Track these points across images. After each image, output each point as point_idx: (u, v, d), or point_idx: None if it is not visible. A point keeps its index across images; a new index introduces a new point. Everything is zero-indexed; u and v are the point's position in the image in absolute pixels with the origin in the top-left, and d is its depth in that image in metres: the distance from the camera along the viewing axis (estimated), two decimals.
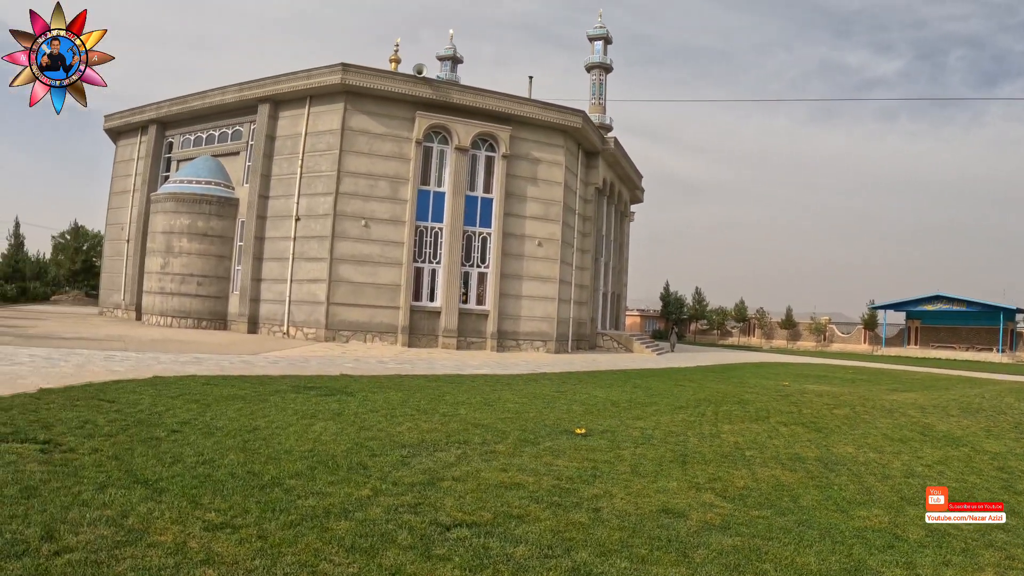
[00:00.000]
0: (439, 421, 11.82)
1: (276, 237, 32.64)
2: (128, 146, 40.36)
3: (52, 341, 21.87)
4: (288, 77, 32.54)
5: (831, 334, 62.47)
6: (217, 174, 34.87)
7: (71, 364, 16.09)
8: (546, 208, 34.64)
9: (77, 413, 10.07)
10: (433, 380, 18.70)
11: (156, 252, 34.17)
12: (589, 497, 7.60)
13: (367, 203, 31.55)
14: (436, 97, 32.20)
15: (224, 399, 12.48)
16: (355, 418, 11.52)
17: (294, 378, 16.67)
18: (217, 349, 23.55)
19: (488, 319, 32.99)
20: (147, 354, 19.81)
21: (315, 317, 31.08)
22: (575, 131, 35.20)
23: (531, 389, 17.99)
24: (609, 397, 17.19)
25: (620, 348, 39.17)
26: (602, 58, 53.72)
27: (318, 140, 32.02)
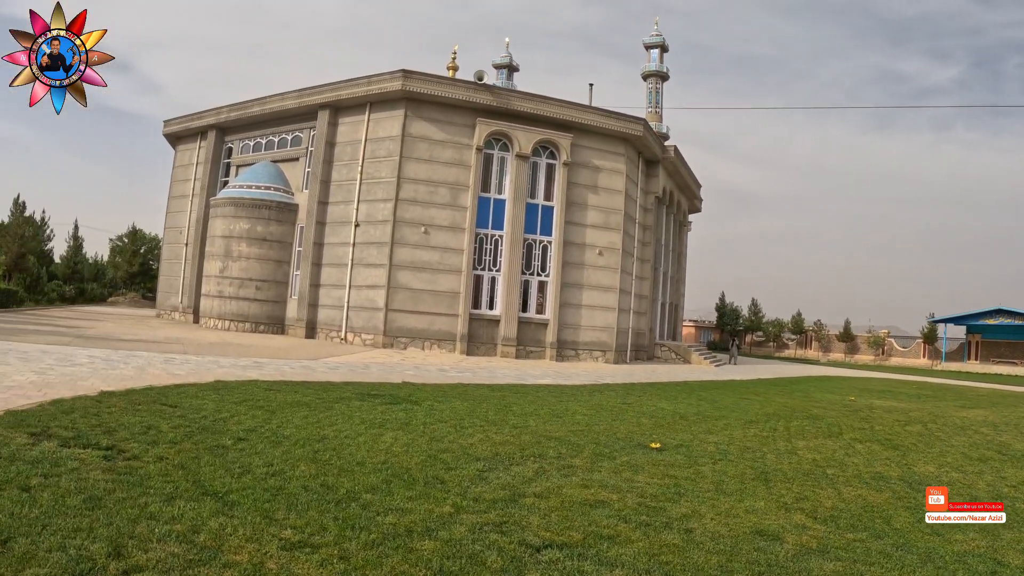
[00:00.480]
0: (510, 433, 11.39)
1: (335, 243, 32.39)
2: (187, 151, 40.54)
3: (110, 342, 21.77)
4: (348, 83, 32.31)
5: (889, 348, 60.64)
6: (276, 179, 34.77)
7: (131, 367, 15.83)
8: (606, 217, 33.94)
9: (140, 418, 9.72)
10: (497, 390, 18.16)
11: (215, 256, 34.15)
12: (678, 516, 7.26)
13: (427, 210, 31.14)
14: (497, 104, 31.72)
15: (289, 406, 12.04)
16: (424, 428, 11.11)
17: (357, 385, 16.23)
18: (276, 354, 23.28)
19: (547, 328, 32.35)
20: (206, 358, 19.61)
21: (373, 323, 30.72)
22: (636, 139, 34.48)
23: (597, 400, 17.49)
24: (676, 410, 16.69)
25: (678, 359, 38.27)
26: (659, 66, 52.94)
27: (378, 146, 31.72)
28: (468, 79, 31.83)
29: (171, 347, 22.08)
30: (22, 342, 19.21)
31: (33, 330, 24.09)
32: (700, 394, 21.43)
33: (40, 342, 19.73)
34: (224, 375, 15.72)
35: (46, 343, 19.52)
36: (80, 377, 13.22)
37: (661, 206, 40.07)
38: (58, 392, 11.20)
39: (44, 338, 21.13)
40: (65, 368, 14.33)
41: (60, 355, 16.62)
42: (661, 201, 39.58)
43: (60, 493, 6.06)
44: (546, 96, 33.03)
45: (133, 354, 18.65)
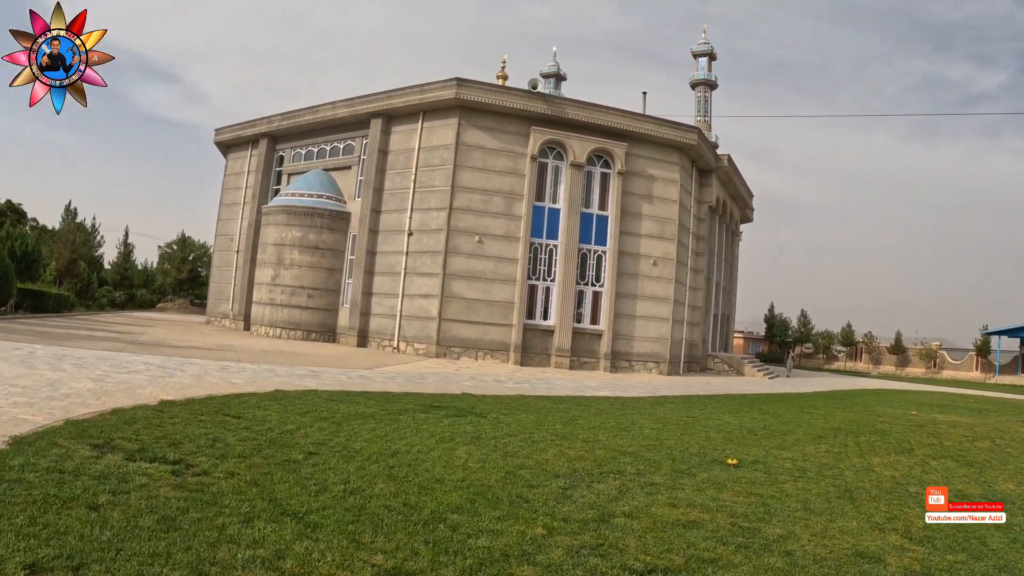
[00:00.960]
0: (583, 448, 10.98)
1: (388, 251, 32.07)
2: (238, 159, 40.59)
3: (164, 349, 21.64)
4: (401, 92, 32.02)
5: (941, 360, 58.93)
6: (328, 188, 34.57)
7: (187, 374, 15.58)
8: (661, 226, 33.26)
9: (204, 429, 9.34)
10: (558, 402, 17.65)
11: (267, 264, 34.01)
12: (774, 538, 6.96)
13: (480, 219, 30.70)
14: (551, 112, 31.23)
15: (353, 417, 11.62)
16: (495, 443, 10.70)
17: (417, 396, 15.77)
18: (330, 362, 23.01)
19: (602, 339, 31.72)
20: (262, 366, 19.31)
21: (426, 332, 30.31)
22: (690, 148, 33.79)
23: (661, 413, 16.97)
24: (742, 424, 16.20)
25: (731, 371, 37.41)
26: (707, 75, 52.01)
27: (431, 155, 31.37)
28: (520, 87, 31.38)
29: (225, 354, 21.90)
30: (76, 348, 19.08)
31: (86, 335, 24.01)
32: (761, 407, 20.89)
33: (94, 348, 19.60)
34: (282, 384, 15.40)
35: (100, 349, 19.39)
36: (138, 385, 12.97)
37: (714, 216, 39.29)
38: (117, 400, 10.93)
39: (98, 344, 21.01)
40: (121, 375, 14.11)
41: (115, 361, 16.45)
42: (714, 211, 38.82)
43: (131, 513, 5.65)
44: (600, 104, 32.47)
45: (188, 361, 18.48)
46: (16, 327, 24.71)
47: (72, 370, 14.02)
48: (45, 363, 14.72)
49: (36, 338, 20.68)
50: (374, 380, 18.72)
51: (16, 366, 13.79)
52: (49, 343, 19.47)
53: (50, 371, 13.50)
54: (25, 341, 19.32)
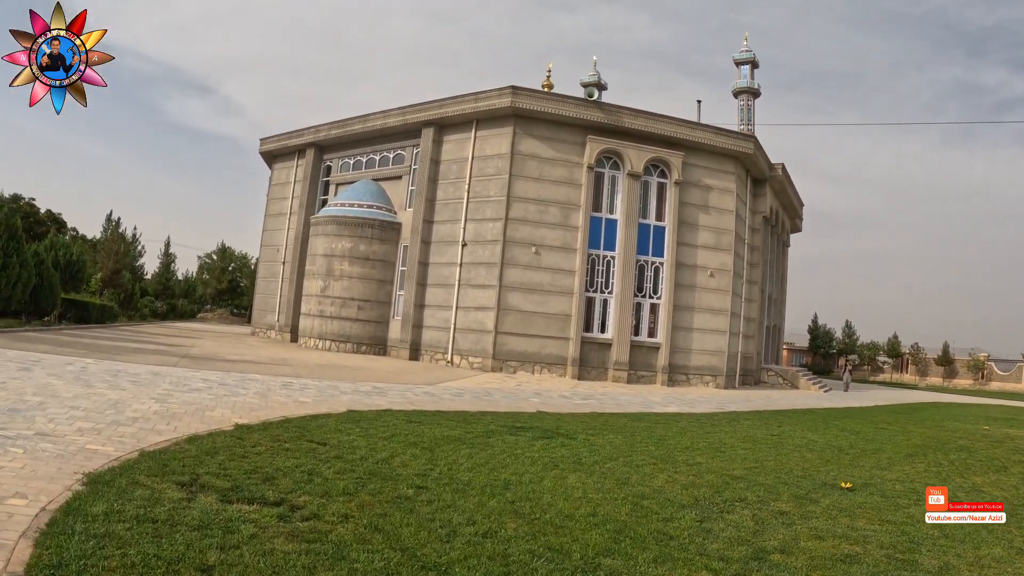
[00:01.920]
0: (690, 472, 10.27)
1: (441, 263, 31.11)
2: (284, 169, 39.81)
3: (219, 364, 20.85)
4: (454, 100, 31.12)
5: (989, 372, 57.18)
6: (378, 198, 33.69)
7: (251, 392, 14.77)
8: (718, 237, 32.12)
9: (295, 460, 8.43)
10: (635, 419, 16.71)
11: (316, 275, 33.13)
12: (935, 570, 6.53)
13: (537, 229, 29.70)
14: (607, 121, 30.22)
15: (443, 442, 10.72)
16: (600, 468, 9.95)
17: (494, 416, 14.84)
18: (389, 377, 22.13)
19: (659, 352, 30.60)
20: (323, 382, 18.52)
21: (481, 346, 29.29)
22: (746, 157, 32.69)
23: (742, 431, 16.14)
24: (828, 442, 15.36)
25: (785, 384, 36.14)
26: (749, 83, 50.96)
27: (486, 164, 30.42)
28: (574, 95, 30.36)
29: (282, 369, 21.13)
30: (129, 362, 18.30)
31: (135, 349, 23.23)
32: (836, 423, 20.04)
33: (147, 362, 18.86)
34: (352, 403, 14.57)
35: (154, 364, 18.62)
36: (205, 406, 12.11)
37: (767, 226, 38.10)
38: (188, 425, 10.12)
39: (150, 358, 20.24)
40: (184, 394, 13.28)
41: (173, 378, 15.67)
42: (767, 221, 37.62)
43: None
44: (656, 113, 31.47)
45: (247, 377, 17.68)
46: (63, 339, 24.01)
47: (132, 389, 13.24)
48: (102, 380, 13.95)
49: (85, 352, 19.94)
50: (441, 397, 17.81)
51: (72, 384, 12.99)
52: (100, 357, 18.70)
53: (109, 390, 12.72)
54: (75, 355, 18.59)
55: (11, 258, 27.36)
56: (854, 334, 63.31)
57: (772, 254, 40.98)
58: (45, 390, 11.90)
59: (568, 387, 25.33)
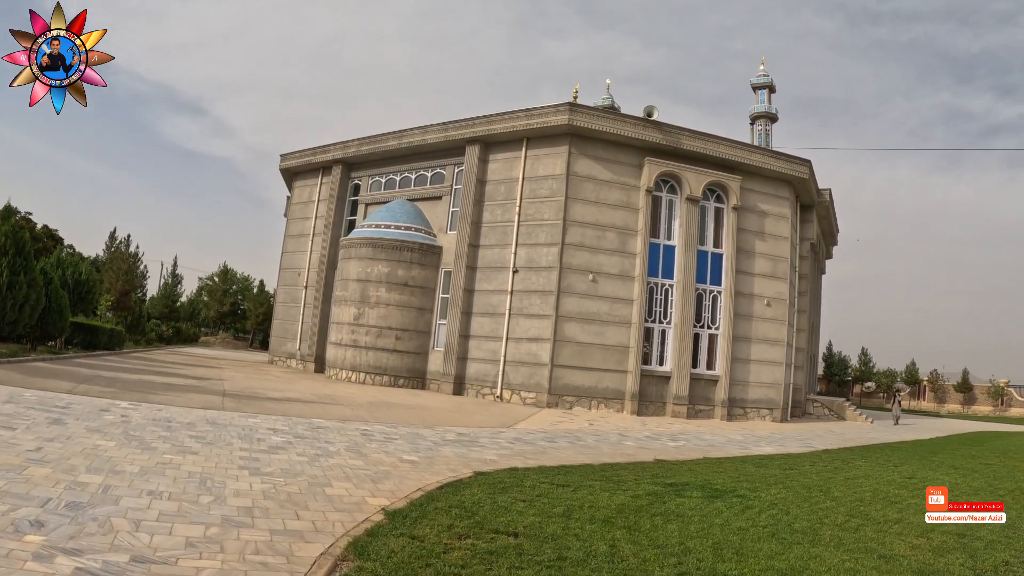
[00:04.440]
0: (941, 539, 8.14)
1: (488, 290, 28.05)
2: (307, 187, 36.38)
3: (266, 404, 17.88)
4: (503, 117, 28.24)
5: (1009, 398, 55.44)
6: (416, 219, 30.54)
7: (341, 448, 12.20)
8: (774, 265, 29.61)
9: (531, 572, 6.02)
10: (758, 464, 14.80)
11: (348, 301, 29.79)
12: None
13: (594, 256, 26.86)
14: (666, 142, 27.58)
15: (622, 513, 8.60)
16: (825, 535, 8.20)
17: (623, 468, 12.56)
18: (454, 419, 19.43)
19: (718, 385, 27.88)
20: (400, 428, 15.99)
21: (536, 380, 26.26)
22: (799, 182, 30.30)
23: (880, 475, 14.34)
24: (970, 484, 13.69)
25: (832, 415, 33.64)
26: (767, 107, 49.01)
27: (538, 186, 27.52)
28: (634, 115, 27.64)
29: (337, 411, 18.24)
30: (171, 404, 15.37)
31: (165, 384, 19.96)
32: (933, 459, 18.49)
33: (190, 404, 15.87)
34: (462, 461, 11.97)
35: (198, 405, 15.79)
36: (315, 478, 9.37)
37: (814, 253, 35.69)
38: (325, 518, 7.44)
39: (189, 398, 17.09)
40: (271, 456, 10.66)
41: (237, 430, 12.89)
42: (814, 248, 35.22)
43: None
44: (714, 135, 28.97)
45: (314, 425, 14.94)
46: (81, 372, 20.65)
47: (203, 451, 10.38)
48: (158, 437, 11.04)
49: (114, 391, 16.77)
50: (536, 444, 15.41)
51: (126, 446, 10.02)
52: (134, 399, 15.57)
53: (177, 454, 9.87)
54: (105, 397, 15.38)
55: (18, 276, 23.43)
56: (870, 361, 61.20)
57: (815, 282, 38.61)
58: (98, 459, 8.89)
59: (636, 424, 22.71)
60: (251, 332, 55.73)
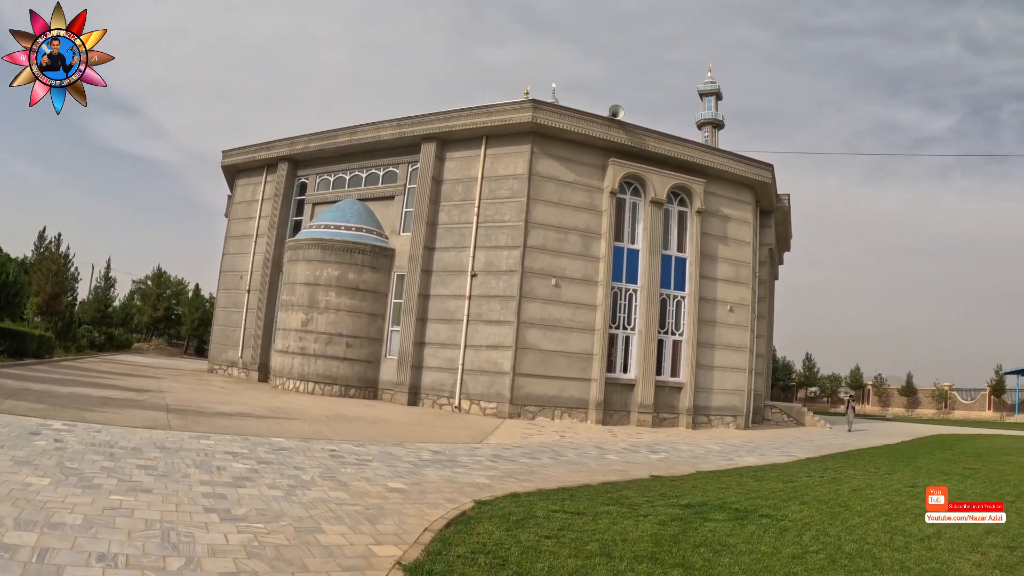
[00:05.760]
0: (968, 549, 7.42)
1: (445, 295, 25.95)
2: (250, 186, 33.59)
3: (216, 421, 15.61)
4: (462, 113, 26.22)
5: (953, 401, 55.55)
6: (368, 220, 28.24)
7: (317, 475, 10.42)
8: (736, 270, 28.33)
9: None
10: (755, 478, 13.56)
11: (295, 306, 27.29)
12: None
13: (557, 259, 25.05)
14: (631, 144, 25.99)
15: (662, 545, 7.37)
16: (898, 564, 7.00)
17: (625, 488, 11.21)
18: (420, 433, 17.72)
19: (682, 392, 26.39)
20: (369, 447, 14.10)
21: (496, 389, 24.28)
22: (761, 186, 29.10)
23: (883, 484, 13.47)
24: (974, 491, 12.78)
25: (790, 421, 32.56)
26: (713, 114, 48.25)
27: (498, 186, 25.58)
28: (599, 114, 25.91)
29: (295, 427, 16.17)
30: (110, 424, 13.05)
31: (101, 398, 17.36)
32: (916, 465, 17.69)
33: (132, 422, 13.58)
34: (452, 486, 10.45)
35: (141, 424, 13.55)
36: (299, 521, 7.48)
37: (771, 258, 34.61)
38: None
39: (131, 415, 14.66)
40: (241, 491, 8.65)
41: (192, 455, 10.82)
42: (772, 253, 34.13)
43: None
44: (679, 137, 27.64)
45: (276, 446, 12.84)
46: (4, 383, 18.03)
47: (158, 488, 8.28)
48: (100, 468, 8.95)
49: (41, 405, 14.46)
50: (519, 461, 13.84)
51: (64, 484, 7.89)
52: (65, 414, 13.39)
53: (127, 494, 7.78)
54: (35, 414, 13.01)
55: None
56: (814, 366, 60.91)
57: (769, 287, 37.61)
58: (29, 506, 6.77)
59: (606, 435, 21.20)
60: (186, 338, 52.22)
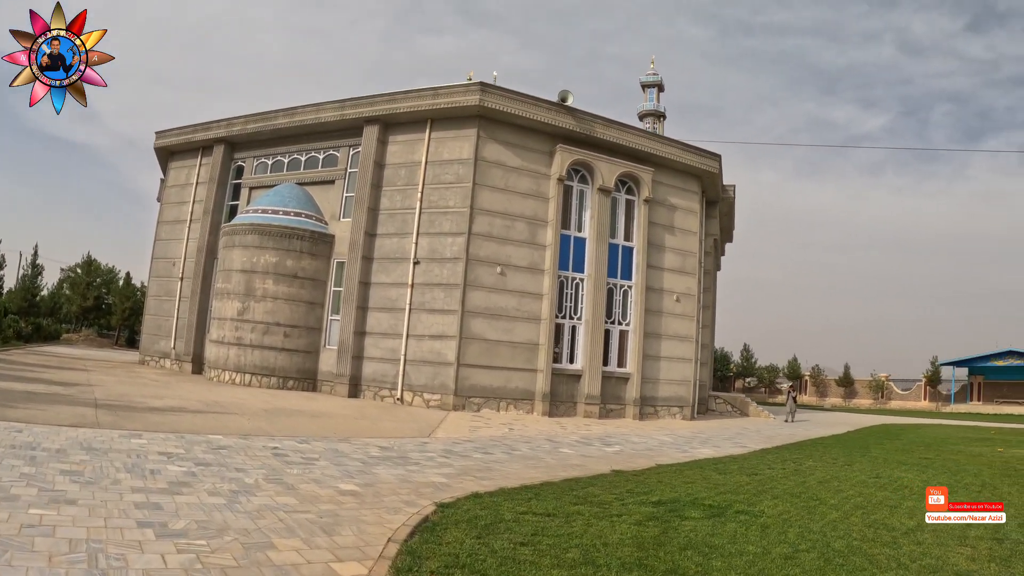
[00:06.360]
0: (956, 542, 7.20)
1: (386, 283, 24.78)
2: (184, 169, 31.71)
3: (148, 417, 14.12)
4: (407, 95, 25.00)
5: (889, 391, 56.36)
6: (307, 205, 26.83)
7: (260, 477, 9.29)
8: (682, 260, 27.82)
9: None
10: (718, 471, 12.94)
11: (231, 295, 25.76)
12: None
13: (503, 247, 24.12)
14: (579, 130, 25.17)
15: (662, 547, 6.90)
16: (893, 560, 6.71)
17: (589, 483, 10.63)
18: (364, 428, 16.63)
19: (629, 383, 25.77)
20: (314, 443, 12.90)
21: (440, 380, 23.25)
22: (708, 176, 28.64)
23: (847, 475, 13.17)
24: (928, 480, 12.60)
25: (735, 412, 32.30)
26: (656, 105, 47.83)
27: (443, 171, 24.49)
28: (548, 99, 25.00)
29: (234, 422, 14.90)
30: (33, 422, 11.65)
31: (26, 393, 15.75)
32: (871, 455, 17.40)
33: (57, 420, 12.22)
34: (409, 487, 9.51)
35: (67, 422, 12.16)
36: (245, 536, 6.33)
37: (715, 249, 34.25)
38: None
39: (58, 412, 13.21)
40: (178, 499, 7.53)
41: (123, 456, 9.60)
42: (717, 244, 33.78)
43: None
44: (628, 124, 27.02)
45: (213, 444, 11.60)
46: None
47: (80, 495, 7.18)
48: (16, 473, 7.86)
49: None
50: (473, 456, 12.98)
51: None
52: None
53: (43, 503, 6.72)
54: None
55: None
56: (752, 357, 61.22)
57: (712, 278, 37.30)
58: None
59: (554, 428, 20.41)
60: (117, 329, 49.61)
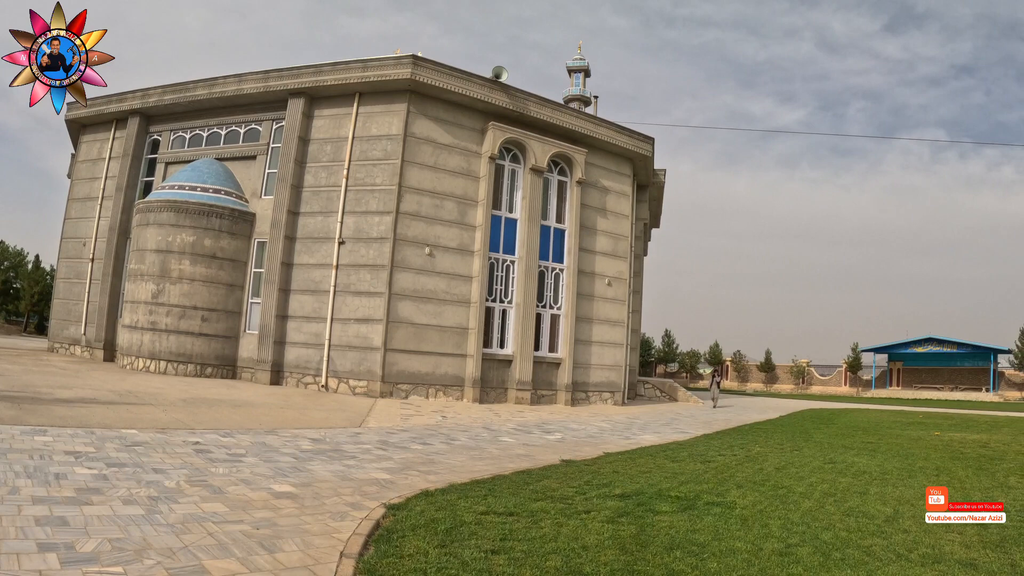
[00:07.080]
0: (945, 529, 7.13)
1: (310, 263, 23.35)
2: (96, 143, 29.33)
3: (56, 409, 12.52)
4: (335, 68, 23.49)
5: (810, 377, 57.22)
6: (227, 181, 25.07)
7: (182, 479, 7.87)
8: (614, 244, 27.19)
9: None
10: (670, 459, 12.32)
11: (145, 276, 23.87)
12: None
13: (431, 227, 22.98)
14: (512, 108, 24.16)
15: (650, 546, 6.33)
16: (890, 550, 6.39)
17: (541, 475, 9.86)
18: (290, 418, 15.33)
19: (561, 368, 25.03)
20: (240, 436, 11.75)
21: (366, 367, 22.02)
22: (641, 160, 28.03)
23: (801, 462, 12.60)
24: (882, 467, 12.28)
25: (663, 396, 31.98)
26: (582, 91, 46.89)
27: (371, 146, 23.15)
28: (482, 75, 23.88)
29: (148, 414, 13.37)
30: None
31: None
32: (814, 440, 17.10)
33: None
34: (351, 483, 8.61)
35: None
36: (186, 561, 5.15)
37: (644, 234, 33.74)
38: None
39: None
40: (90, 512, 6.15)
41: (24, 457, 8.26)
42: (646, 228, 33.27)
43: None
44: (561, 104, 26.20)
45: (127, 440, 10.19)
46: None
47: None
48: None
49: None
50: (408, 447, 12.13)
51: None
52: None
53: None
54: None
55: None
56: (674, 342, 61.36)
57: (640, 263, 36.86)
58: None
59: (488, 414, 19.56)
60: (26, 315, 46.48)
